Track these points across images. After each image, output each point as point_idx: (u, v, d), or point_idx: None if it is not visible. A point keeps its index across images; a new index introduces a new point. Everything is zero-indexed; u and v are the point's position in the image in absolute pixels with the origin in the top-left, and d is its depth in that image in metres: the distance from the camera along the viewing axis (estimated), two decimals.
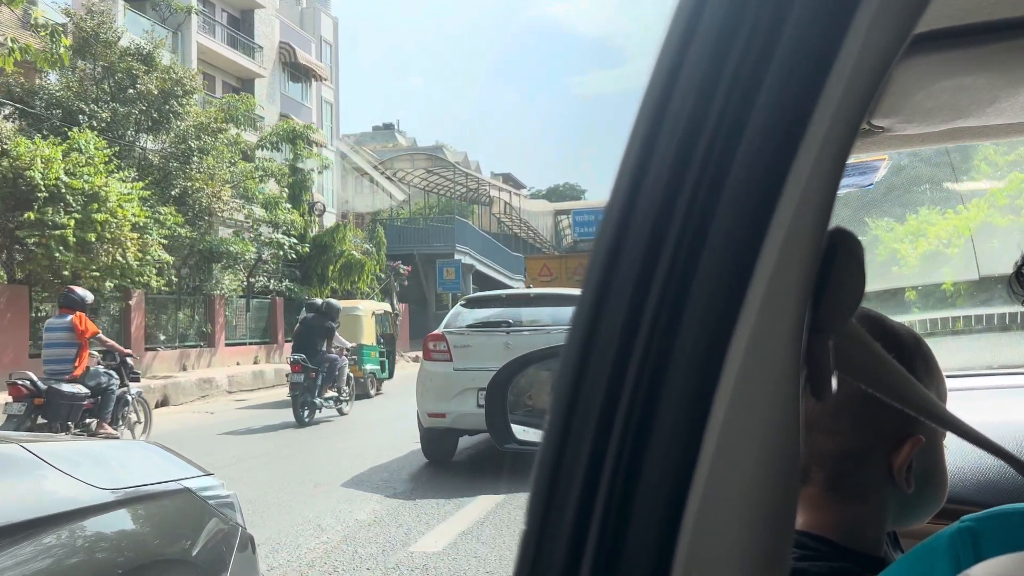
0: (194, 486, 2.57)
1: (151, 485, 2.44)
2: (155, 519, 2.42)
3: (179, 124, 15.99)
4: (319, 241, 21.94)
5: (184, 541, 2.43)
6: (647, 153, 0.38)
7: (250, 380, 16.74)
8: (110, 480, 2.28)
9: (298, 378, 10.35)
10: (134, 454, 2.83)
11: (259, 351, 19.81)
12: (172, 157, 15.89)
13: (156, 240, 14.30)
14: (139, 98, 15.29)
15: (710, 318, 0.36)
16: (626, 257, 0.38)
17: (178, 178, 15.76)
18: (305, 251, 21.49)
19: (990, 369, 2.17)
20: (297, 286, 21.61)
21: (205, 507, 2.55)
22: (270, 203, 17.95)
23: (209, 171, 16.24)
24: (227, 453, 8.35)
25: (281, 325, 20.96)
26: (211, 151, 16.12)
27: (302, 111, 31.62)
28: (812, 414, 0.70)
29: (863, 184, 1.60)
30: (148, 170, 15.62)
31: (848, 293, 0.41)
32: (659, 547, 0.35)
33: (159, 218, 14.49)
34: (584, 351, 0.38)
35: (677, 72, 0.38)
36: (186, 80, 15.96)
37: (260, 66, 28.70)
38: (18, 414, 7.23)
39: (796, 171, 0.35)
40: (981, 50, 0.84)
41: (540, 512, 0.38)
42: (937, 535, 0.56)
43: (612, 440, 0.36)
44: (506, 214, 43.95)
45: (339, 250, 21.90)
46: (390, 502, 6.10)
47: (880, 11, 0.36)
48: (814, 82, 0.36)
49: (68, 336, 7.76)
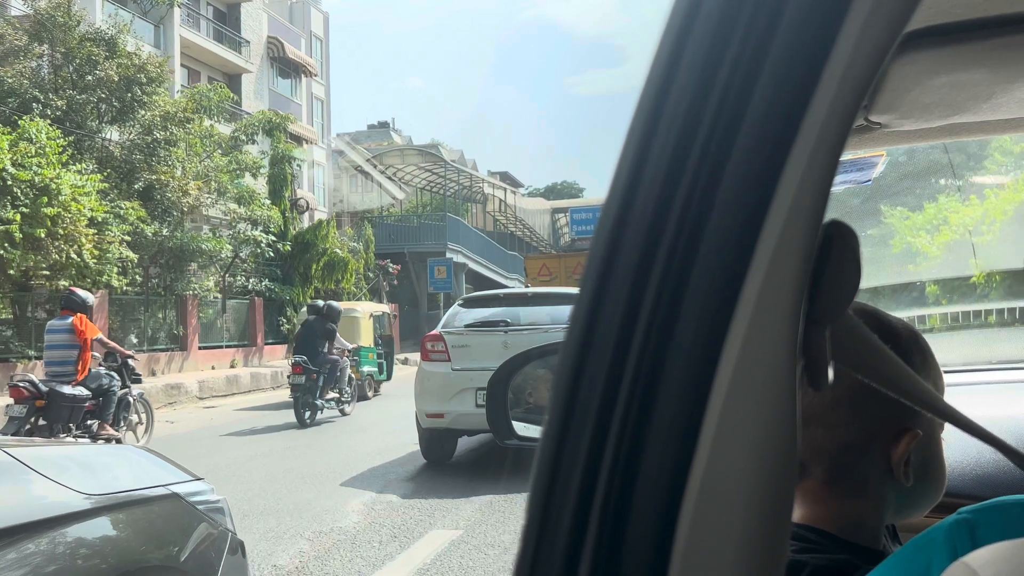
0: (182, 491, 2.55)
1: (138, 490, 2.42)
2: (141, 525, 2.39)
3: (145, 114, 15.00)
4: (301, 239, 20.98)
5: (171, 547, 2.42)
6: (644, 149, 0.39)
7: (223, 385, 15.84)
8: (96, 485, 2.26)
9: (299, 379, 10.36)
10: (122, 459, 2.81)
11: (236, 354, 18.83)
12: (136, 148, 14.91)
13: (118, 236, 13.38)
14: (98, 85, 14.30)
15: (706, 311, 0.36)
16: (624, 252, 0.38)
17: (143, 171, 14.77)
18: (287, 249, 20.55)
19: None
20: (278, 286, 20.64)
21: (194, 512, 2.54)
22: (244, 198, 16.88)
23: (178, 164, 15.30)
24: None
25: (261, 327, 19.99)
26: (179, 142, 15.15)
27: (292, 107, 31.38)
28: (811, 408, 0.71)
29: (861, 180, 1.61)
30: (110, 162, 14.64)
31: (844, 285, 0.41)
32: (658, 539, 0.35)
33: (120, 213, 13.54)
34: (582, 346, 0.39)
35: (674, 68, 0.39)
36: (150, 67, 14.94)
37: (247, 61, 28.15)
38: (19, 416, 7.19)
39: (791, 166, 0.36)
40: (977, 46, 0.85)
41: (540, 506, 0.38)
42: (935, 527, 0.56)
43: (610, 434, 0.37)
44: (501, 212, 42.97)
45: (322, 248, 20.93)
46: (387, 503, 6.05)
47: (874, 7, 0.36)
48: (809, 77, 0.36)
49: (69, 338, 7.70)
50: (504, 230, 43.16)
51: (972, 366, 2.09)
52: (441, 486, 6.58)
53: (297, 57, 30.83)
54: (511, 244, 41.14)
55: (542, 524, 0.38)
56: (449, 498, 6.12)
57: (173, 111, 15.02)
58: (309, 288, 21.34)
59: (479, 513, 5.69)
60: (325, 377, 10.71)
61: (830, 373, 0.41)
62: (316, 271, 21.02)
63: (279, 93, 30.60)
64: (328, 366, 10.80)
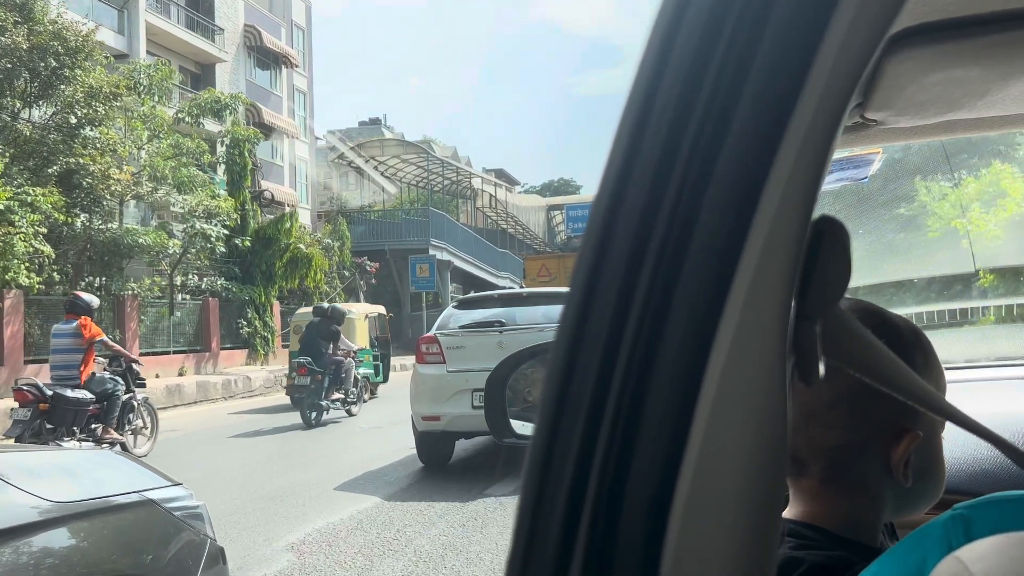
0: (159, 497, 2.54)
1: (110, 497, 2.41)
2: (113, 532, 2.37)
3: (66, 89, 13.16)
4: (263, 233, 19.15)
5: (145, 555, 2.41)
6: (634, 146, 0.39)
7: (163, 398, 14.08)
8: (66, 493, 2.25)
9: (304, 381, 10.50)
10: (97, 465, 2.79)
11: (186, 361, 17.00)
12: (54, 128, 13.07)
13: (28, 228, 11.60)
14: (4, 54, 12.47)
15: (696, 307, 0.36)
16: (614, 249, 0.38)
17: (61, 154, 12.93)
18: (246, 245, 18.74)
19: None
20: (237, 285, 18.81)
21: (170, 519, 2.53)
22: (185, 186, 14.99)
23: (108, 146, 13.49)
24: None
25: (216, 330, 18.15)
26: (106, 122, 13.31)
27: (271, 99, 30.27)
28: (810, 406, 0.71)
29: (858, 178, 1.60)
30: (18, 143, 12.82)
31: (834, 280, 0.41)
32: (649, 535, 0.35)
33: (30, 201, 11.73)
34: (573, 343, 0.39)
35: (663, 65, 0.39)
36: (68, 35, 13.08)
37: (221, 50, 26.67)
38: (24, 419, 7.24)
39: (780, 162, 0.36)
40: (972, 43, 0.86)
41: (532, 503, 0.38)
42: (931, 523, 0.56)
43: (601, 431, 0.37)
44: (491, 207, 41.12)
45: (284, 243, 19.11)
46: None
47: (861, 5, 0.37)
48: (797, 73, 0.36)
49: (74, 342, 7.72)
50: (496, 227, 41.42)
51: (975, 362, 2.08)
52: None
53: (276, 47, 29.42)
54: (504, 242, 39.44)
55: (533, 522, 0.38)
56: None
57: (97, 85, 13.12)
58: (273, 288, 19.53)
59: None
60: (330, 378, 10.86)
61: (821, 368, 0.41)
62: (280, 268, 19.20)
63: (257, 84, 29.25)
64: (333, 367, 10.94)
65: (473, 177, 38.10)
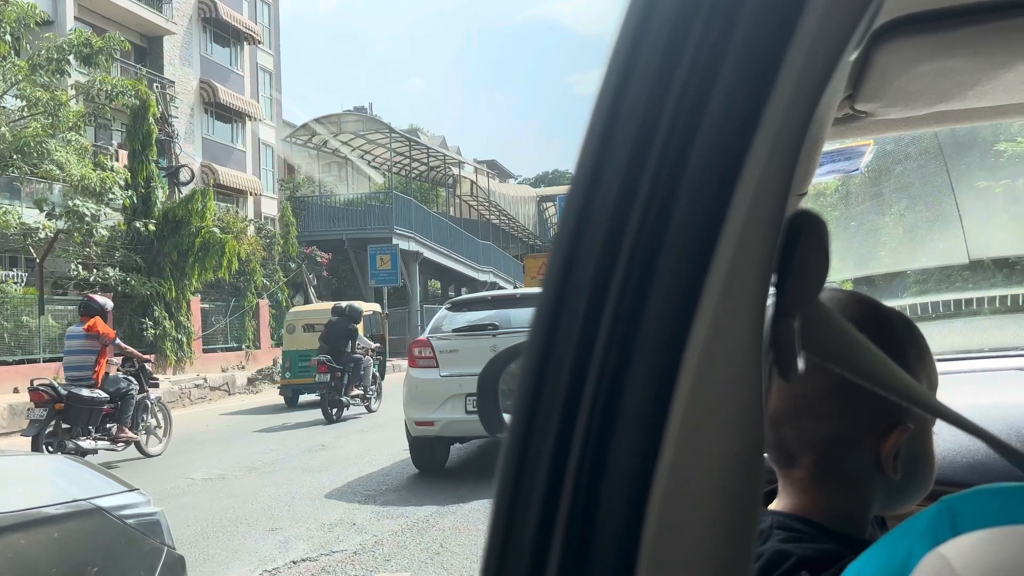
0: (109, 504, 2.45)
1: (48, 507, 2.30)
2: (54, 544, 2.27)
3: None
4: (171, 216, 15.93)
5: (89, 567, 2.31)
6: (606, 141, 0.39)
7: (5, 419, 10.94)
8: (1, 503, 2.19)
9: (325, 378, 10.90)
10: (41, 471, 2.71)
11: (60, 371, 13.80)
12: None
13: None
14: None
15: (671, 303, 0.36)
16: (586, 245, 0.38)
17: None
18: (151, 230, 15.56)
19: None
20: (139, 278, 15.61)
21: (120, 527, 2.44)
22: (26, 151, 11.58)
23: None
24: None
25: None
26: None
27: (231, 78, 27.60)
28: (801, 399, 0.71)
29: (848, 170, 1.59)
30: None
31: (812, 274, 0.41)
32: (626, 532, 0.35)
33: None
34: (546, 341, 0.38)
35: (634, 57, 0.39)
36: None
37: (169, 21, 24.11)
38: (40, 419, 7.35)
39: (754, 155, 0.36)
40: (961, 33, 0.85)
41: (507, 502, 0.38)
42: (918, 515, 0.56)
43: (576, 428, 0.37)
44: (473, 195, 37.81)
45: (196, 227, 15.88)
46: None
47: None
48: (770, 65, 0.36)
49: (88, 343, 7.90)
50: (480, 218, 38.18)
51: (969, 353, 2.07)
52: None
53: (236, 21, 26.66)
54: (489, 234, 36.19)
55: (508, 520, 0.37)
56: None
57: None
58: (188, 281, 16.34)
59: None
60: (350, 375, 11.22)
61: (800, 364, 0.41)
62: (192, 258, 15.97)
63: (214, 61, 26.53)
64: (352, 364, 11.27)
65: (450, 163, 34.73)
